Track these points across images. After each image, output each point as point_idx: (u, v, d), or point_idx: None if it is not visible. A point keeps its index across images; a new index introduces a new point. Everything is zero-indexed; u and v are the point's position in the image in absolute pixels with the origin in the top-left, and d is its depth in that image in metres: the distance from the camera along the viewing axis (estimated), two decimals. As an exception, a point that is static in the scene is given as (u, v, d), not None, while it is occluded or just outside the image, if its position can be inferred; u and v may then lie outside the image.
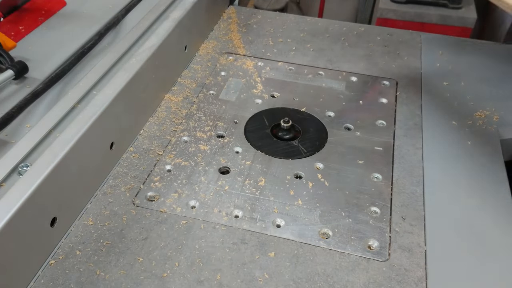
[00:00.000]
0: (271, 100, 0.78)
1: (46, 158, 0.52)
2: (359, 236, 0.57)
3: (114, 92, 0.62)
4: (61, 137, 0.55)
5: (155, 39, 0.74)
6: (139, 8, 0.83)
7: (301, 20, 0.99)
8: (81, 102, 0.62)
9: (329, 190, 0.62)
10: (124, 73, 0.66)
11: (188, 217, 0.58)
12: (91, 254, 0.53)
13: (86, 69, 0.70)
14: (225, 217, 0.58)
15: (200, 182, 0.63)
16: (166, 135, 0.70)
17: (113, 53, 0.70)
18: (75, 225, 0.57)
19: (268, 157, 0.67)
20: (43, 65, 0.70)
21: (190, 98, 0.77)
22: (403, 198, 0.61)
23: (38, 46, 0.74)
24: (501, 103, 0.77)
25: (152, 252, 0.54)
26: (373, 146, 0.69)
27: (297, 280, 0.52)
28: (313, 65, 0.85)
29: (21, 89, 0.66)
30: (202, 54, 0.88)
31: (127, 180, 0.62)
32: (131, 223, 0.57)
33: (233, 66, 0.85)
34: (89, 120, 0.58)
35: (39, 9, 0.83)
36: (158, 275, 0.52)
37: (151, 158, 0.66)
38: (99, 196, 0.60)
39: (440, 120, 0.73)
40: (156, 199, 0.60)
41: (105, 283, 0.51)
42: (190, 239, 0.56)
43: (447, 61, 0.86)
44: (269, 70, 0.84)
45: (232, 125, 0.72)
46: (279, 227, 0.57)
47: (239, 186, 0.62)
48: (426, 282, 0.52)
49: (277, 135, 0.70)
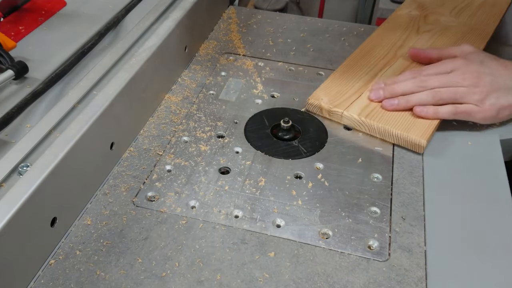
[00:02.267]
0: (271, 100, 0.78)
1: (46, 158, 0.52)
2: (359, 236, 0.57)
3: (114, 92, 0.62)
4: (61, 137, 0.55)
5: (155, 39, 0.74)
6: (139, 8, 0.83)
7: (301, 20, 0.99)
8: (81, 102, 0.62)
9: (329, 190, 0.62)
10: (124, 73, 0.66)
11: (188, 217, 0.58)
12: (91, 254, 0.54)
13: (86, 69, 0.70)
14: (225, 217, 0.58)
15: (200, 182, 0.63)
16: (166, 135, 0.70)
17: (113, 53, 0.70)
18: (75, 225, 0.57)
19: (268, 157, 0.67)
20: (43, 65, 0.70)
21: (190, 98, 0.77)
22: (403, 198, 0.61)
23: (38, 46, 0.74)
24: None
25: (152, 252, 0.54)
26: (373, 146, 0.69)
27: (297, 280, 0.52)
28: (313, 65, 0.85)
29: (21, 89, 0.66)
30: (202, 54, 0.88)
31: (127, 180, 0.62)
32: (131, 223, 0.57)
33: (233, 66, 0.85)
34: (89, 120, 0.58)
35: (39, 9, 0.83)
36: (158, 275, 0.52)
37: (151, 158, 0.66)
38: (99, 196, 0.60)
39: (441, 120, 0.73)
40: (156, 199, 0.60)
41: (105, 283, 0.51)
42: (190, 239, 0.56)
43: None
44: (269, 70, 0.84)
45: (232, 125, 0.72)
46: (279, 227, 0.58)
47: (239, 186, 0.62)
48: (426, 282, 0.52)
49: (277, 135, 0.70)
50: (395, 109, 0.70)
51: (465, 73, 0.68)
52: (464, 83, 0.68)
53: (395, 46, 0.84)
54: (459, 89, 0.68)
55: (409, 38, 0.86)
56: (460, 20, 0.91)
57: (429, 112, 0.68)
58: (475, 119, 0.68)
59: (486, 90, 0.67)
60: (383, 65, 0.80)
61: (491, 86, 0.67)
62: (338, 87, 0.75)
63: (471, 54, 0.72)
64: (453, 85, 0.68)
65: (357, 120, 0.70)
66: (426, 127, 0.68)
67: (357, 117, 0.70)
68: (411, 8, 0.95)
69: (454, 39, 0.86)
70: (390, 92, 0.71)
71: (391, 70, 0.79)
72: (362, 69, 0.79)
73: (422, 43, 0.85)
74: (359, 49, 0.84)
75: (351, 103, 0.72)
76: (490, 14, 0.93)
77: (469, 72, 0.68)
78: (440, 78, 0.69)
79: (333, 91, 0.74)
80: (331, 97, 0.73)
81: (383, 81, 0.74)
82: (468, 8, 0.95)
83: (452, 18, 0.91)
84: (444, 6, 0.95)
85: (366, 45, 0.85)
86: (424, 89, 0.70)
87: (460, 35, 0.87)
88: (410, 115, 0.70)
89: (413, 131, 0.67)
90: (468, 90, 0.67)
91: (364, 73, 0.78)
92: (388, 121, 0.69)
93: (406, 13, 0.94)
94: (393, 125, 0.68)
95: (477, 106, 0.67)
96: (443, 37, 0.86)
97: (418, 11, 0.94)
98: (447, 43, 0.85)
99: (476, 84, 0.67)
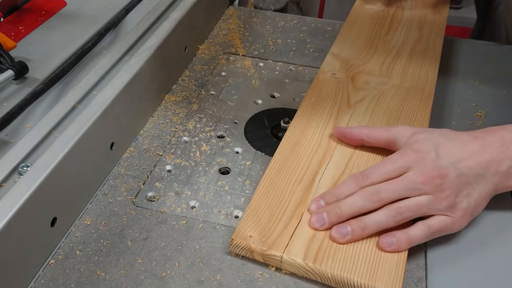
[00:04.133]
0: (271, 100, 0.78)
1: (46, 158, 0.52)
2: (359, 237, 0.56)
3: (114, 92, 0.62)
4: (61, 137, 0.55)
5: (155, 39, 0.74)
6: (139, 8, 0.83)
7: (301, 20, 0.99)
8: (82, 102, 0.62)
9: (329, 190, 0.62)
10: (124, 73, 0.66)
11: (188, 217, 0.58)
12: (92, 254, 0.54)
13: (86, 69, 0.70)
14: (225, 217, 0.58)
15: (200, 182, 0.63)
16: (166, 135, 0.70)
17: (113, 53, 0.70)
18: (75, 225, 0.57)
19: (268, 157, 0.67)
20: (43, 65, 0.70)
21: (190, 98, 0.77)
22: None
23: (38, 46, 0.74)
24: (501, 104, 0.77)
25: (152, 252, 0.54)
26: (373, 147, 0.68)
27: (297, 280, 0.52)
28: (313, 65, 0.85)
29: (21, 89, 0.66)
30: (202, 54, 0.88)
31: (127, 180, 0.63)
32: (131, 223, 0.57)
33: (233, 66, 0.85)
34: (90, 120, 0.58)
35: (39, 9, 0.83)
36: (158, 275, 0.52)
37: (151, 158, 0.66)
38: (99, 196, 0.60)
39: (440, 120, 0.73)
40: (156, 199, 0.60)
41: (106, 283, 0.51)
42: (190, 239, 0.56)
43: (447, 61, 0.86)
44: (269, 70, 0.84)
45: (232, 125, 0.72)
46: (279, 227, 0.57)
47: (239, 186, 0.62)
48: (426, 282, 0.52)
49: (277, 136, 0.70)
50: (349, 241, 0.52)
51: (423, 174, 0.52)
52: (426, 188, 0.52)
53: (327, 131, 0.65)
54: (422, 200, 0.52)
55: (340, 116, 0.68)
56: (393, 79, 0.75)
57: (402, 245, 0.52)
58: (452, 230, 0.54)
59: (453, 192, 0.52)
60: (319, 162, 0.61)
61: (457, 183, 0.53)
62: (269, 207, 0.56)
63: (417, 141, 0.56)
64: (413, 194, 0.52)
65: (302, 267, 0.51)
66: (396, 264, 0.51)
67: (301, 262, 0.50)
68: (334, 68, 0.78)
69: (393, 109, 0.69)
70: (337, 215, 0.53)
71: (330, 171, 0.60)
72: (294, 173, 0.59)
73: (358, 121, 0.67)
74: (284, 142, 0.64)
75: (291, 235, 0.53)
76: (428, 67, 0.79)
77: (426, 171, 0.52)
78: (394, 186, 0.53)
79: (264, 215, 0.55)
80: (262, 228, 0.53)
81: (322, 197, 0.56)
82: (398, 62, 0.79)
83: (384, 79, 0.75)
84: (371, 62, 0.79)
85: (292, 133, 0.66)
86: (378, 204, 0.53)
87: (398, 102, 0.71)
88: (372, 244, 0.53)
89: (380, 275, 0.50)
90: (433, 199, 0.52)
91: (298, 179, 0.59)
92: (345, 261, 0.51)
93: (330, 76, 0.76)
94: (353, 268, 0.50)
95: (449, 217, 0.53)
96: (380, 107, 0.70)
97: (343, 71, 0.77)
98: (386, 116, 0.68)
99: (441, 187, 0.52)
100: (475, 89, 0.80)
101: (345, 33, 0.87)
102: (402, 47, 0.83)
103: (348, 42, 0.84)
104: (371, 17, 0.91)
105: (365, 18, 0.91)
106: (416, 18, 0.91)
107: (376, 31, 0.87)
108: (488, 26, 1.11)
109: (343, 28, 0.88)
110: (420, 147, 0.55)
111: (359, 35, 0.86)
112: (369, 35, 0.86)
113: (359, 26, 0.88)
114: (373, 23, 0.89)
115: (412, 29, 0.88)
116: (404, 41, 0.85)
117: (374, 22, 0.90)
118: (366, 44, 0.84)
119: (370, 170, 0.55)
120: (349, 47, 0.83)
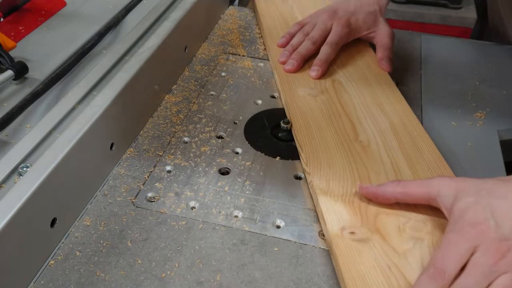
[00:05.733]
0: (271, 100, 0.78)
1: (46, 159, 0.52)
2: (359, 237, 0.56)
3: (114, 93, 0.62)
4: (61, 137, 0.55)
5: (155, 39, 0.74)
6: (139, 9, 0.83)
7: (301, 20, 0.98)
8: (81, 103, 0.62)
9: (329, 190, 0.62)
10: (124, 73, 0.66)
11: (188, 217, 0.58)
12: (91, 255, 0.54)
13: (86, 70, 0.70)
14: (225, 218, 0.58)
15: (200, 182, 0.63)
16: (166, 136, 0.70)
17: (113, 54, 0.70)
18: (75, 225, 0.57)
19: (268, 157, 0.67)
20: (43, 65, 0.70)
21: (190, 99, 0.77)
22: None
23: (38, 46, 0.74)
24: (501, 104, 0.77)
25: (152, 253, 0.54)
26: (373, 147, 0.68)
27: (296, 281, 0.52)
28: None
29: (21, 89, 0.66)
30: (202, 54, 0.87)
31: (127, 180, 0.62)
32: (131, 224, 0.57)
33: (233, 67, 0.85)
34: (89, 120, 0.58)
35: (39, 9, 0.83)
36: (158, 276, 0.52)
37: (151, 159, 0.66)
38: (99, 197, 0.60)
39: (440, 121, 0.73)
40: (156, 199, 0.60)
41: (105, 284, 0.51)
42: (190, 240, 0.56)
43: (447, 61, 0.86)
44: (269, 70, 0.84)
45: (232, 125, 0.72)
46: (279, 228, 0.57)
47: (239, 187, 0.62)
48: (425, 283, 0.52)
49: (277, 136, 0.70)
50: None
51: (491, 253, 0.47)
52: (501, 268, 0.46)
53: None
54: (505, 281, 0.46)
55: None
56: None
57: None
58: None
59: None
60: None
61: None
62: None
63: (468, 208, 0.50)
64: (493, 278, 0.47)
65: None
66: None
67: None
68: None
69: None
70: None
71: None
72: None
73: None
74: None
75: None
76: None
77: (493, 249, 0.47)
78: (474, 279, 0.47)
79: None
80: None
81: None
82: None
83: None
84: None
85: None
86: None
87: None
88: None
89: None
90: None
91: None
92: None
93: None
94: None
95: None
96: None
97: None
98: None
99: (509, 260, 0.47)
100: (475, 89, 0.80)
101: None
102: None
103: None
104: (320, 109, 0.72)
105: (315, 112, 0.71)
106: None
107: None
108: (488, 26, 1.11)
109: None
110: (474, 218, 0.49)
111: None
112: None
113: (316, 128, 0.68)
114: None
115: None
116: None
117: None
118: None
119: (440, 262, 0.48)
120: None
